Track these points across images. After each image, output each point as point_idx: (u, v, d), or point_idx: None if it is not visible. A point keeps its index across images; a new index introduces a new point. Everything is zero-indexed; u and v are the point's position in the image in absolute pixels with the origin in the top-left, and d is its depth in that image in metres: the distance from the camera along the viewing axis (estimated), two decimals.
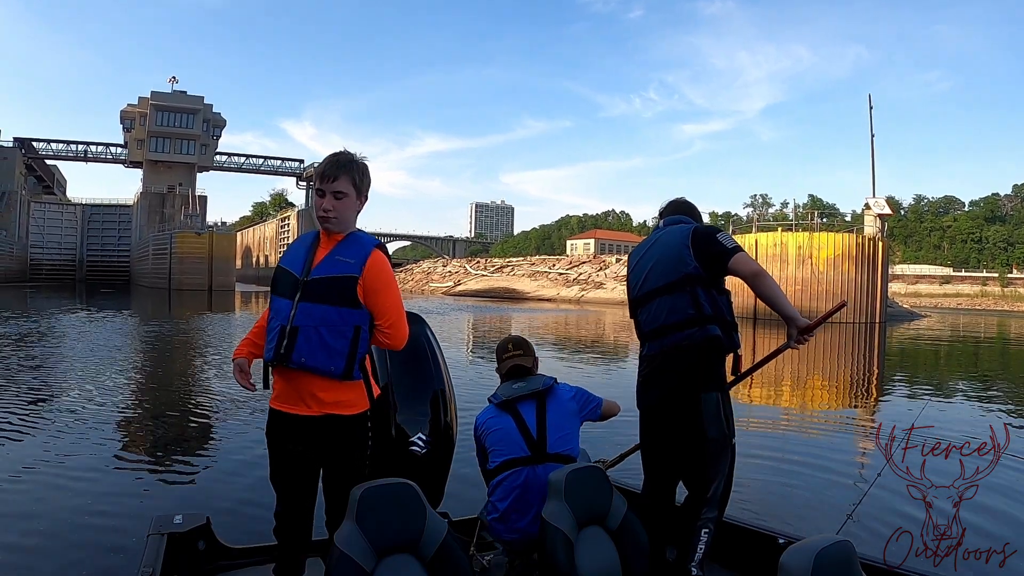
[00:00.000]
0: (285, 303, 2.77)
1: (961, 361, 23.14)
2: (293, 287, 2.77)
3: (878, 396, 14.36)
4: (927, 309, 65.71)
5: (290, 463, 2.86)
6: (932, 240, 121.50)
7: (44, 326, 23.63)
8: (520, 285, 74.76)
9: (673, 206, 3.65)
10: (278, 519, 2.96)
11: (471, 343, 23.82)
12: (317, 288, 2.75)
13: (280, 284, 2.82)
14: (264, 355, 2.84)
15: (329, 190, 2.75)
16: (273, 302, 2.83)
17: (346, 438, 2.83)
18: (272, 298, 2.84)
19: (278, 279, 2.83)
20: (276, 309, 2.80)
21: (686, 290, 3.21)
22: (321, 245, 2.84)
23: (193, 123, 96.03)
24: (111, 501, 5.72)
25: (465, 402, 4.97)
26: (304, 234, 2.92)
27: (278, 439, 2.85)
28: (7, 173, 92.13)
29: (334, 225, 2.79)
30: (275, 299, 2.82)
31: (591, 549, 2.87)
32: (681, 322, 3.20)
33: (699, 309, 3.18)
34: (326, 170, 2.75)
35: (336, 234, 2.82)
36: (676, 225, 3.46)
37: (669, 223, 3.51)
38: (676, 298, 3.22)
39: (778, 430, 9.93)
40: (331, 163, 2.76)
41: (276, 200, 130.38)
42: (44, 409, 9.47)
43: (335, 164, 2.76)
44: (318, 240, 2.86)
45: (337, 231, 2.82)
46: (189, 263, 71.38)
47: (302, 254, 2.84)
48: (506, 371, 3.51)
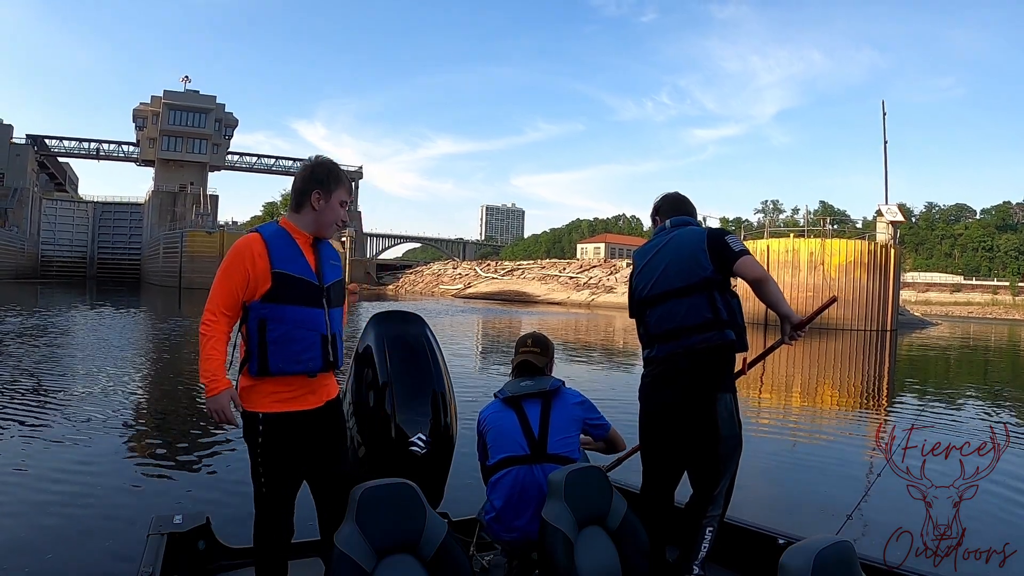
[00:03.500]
0: (315, 312, 2.79)
1: (970, 369, 23.00)
2: (316, 295, 2.80)
3: (881, 400, 14.34)
4: (938, 317, 65.43)
5: (297, 463, 2.87)
6: (943, 248, 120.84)
7: (51, 322, 23.79)
8: (530, 288, 74.73)
9: (674, 204, 3.61)
10: (274, 529, 2.88)
11: (479, 345, 23.84)
12: (333, 294, 2.86)
13: (297, 292, 2.76)
14: (297, 367, 2.76)
15: (348, 201, 2.91)
16: (293, 312, 2.75)
17: (340, 415, 3.03)
18: (289, 308, 2.75)
19: (291, 285, 2.75)
20: (304, 319, 2.76)
21: (703, 293, 3.21)
22: (302, 247, 2.83)
23: (205, 122, 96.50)
24: (111, 501, 5.74)
25: (467, 402, 4.98)
26: (272, 230, 2.83)
27: (289, 439, 2.81)
28: (20, 170, 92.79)
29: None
30: (297, 309, 2.76)
31: (591, 549, 2.87)
32: (698, 325, 3.20)
33: (716, 313, 3.19)
34: (349, 183, 2.88)
35: (310, 235, 2.88)
36: (687, 227, 3.45)
37: (677, 224, 3.50)
38: (692, 300, 3.22)
39: (779, 431, 9.93)
40: (346, 176, 2.88)
41: (287, 200, 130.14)
42: (45, 407, 9.50)
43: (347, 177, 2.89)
44: (293, 239, 2.83)
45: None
46: (200, 262, 71.61)
47: (302, 259, 2.81)
48: (517, 365, 3.51)
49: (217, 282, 2.72)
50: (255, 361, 2.73)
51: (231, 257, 2.73)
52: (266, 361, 2.72)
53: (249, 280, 2.70)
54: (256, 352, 2.72)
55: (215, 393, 2.66)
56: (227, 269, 2.72)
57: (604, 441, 3.54)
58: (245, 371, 2.76)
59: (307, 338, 2.76)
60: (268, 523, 2.87)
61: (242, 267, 2.70)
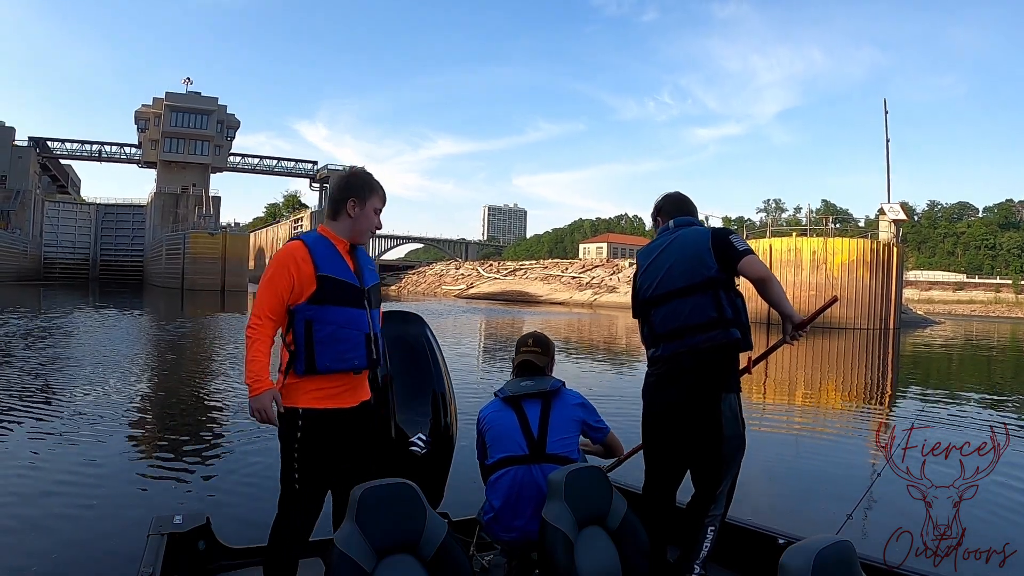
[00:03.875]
0: (358, 312, 2.92)
1: (973, 368, 22.97)
2: (359, 297, 2.94)
3: (882, 400, 14.30)
4: (940, 316, 65.41)
5: (332, 461, 2.92)
6: (946, 246, 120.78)
7: (55, 324, 23.81)
8: (533, 288, 74.85)
9: (676, 204, 3.61)
10: (298, 528, 2.93)
11: (481, 345, 23.85)
12: (372, 296, 3.02)
13: (341, 294, 2.89)
14: (343, 365, 2.88)
15: (382, 208, 3.07)
16: (338, 313, 2.87)
17: (372, 418, 3.11)
18: (334, 309, 2.87)
19: (335, 288, 2.87)
20: (349, 319, 2.89)
21: (708, 293, 3.22)
22: (342, 252, 2.96)
23: (207, 124, 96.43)
24: (112, 501, 5.74)
25: (468, 402, 4.97)
26: (313, 237, 2.96)
27: (326, 436, 2.88)
28: (22, 172, 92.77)
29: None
30: (341, 310, 2.88)
31: (591, 549, 2.87)
32: (703, 324, 3.20)
33: (721, 312, 3.20)
34: (382, 192, 3.05)
35: (347, 242, 3.00)
36: (690, 227, 3.45)
37: (680, 224, 3.50)
38: (697, 300, 3.23)
39: (780, 430, 9.91)
40: (380, 185, 3.05)
41: (289, 201, 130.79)
42: (47, 408, 9.52)
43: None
44: (333, 245, 2.95)
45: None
46: (202, 263, 71.84)
47: (344, 263, 2.94)
48: (518, 365, 3.51)
49: (262, 288, 2.85)
50: (302, 361, 2.82)
51: (276, 264, 2.85)
52: (313, 360, 2.82)
53: (294, 285, 2.82)
54: (303, 352, 2.82)
55: (259, 393, 2.73)
56: (272, 276, 2.84)
57: (602, 444, 3.54)
58: (291, 372, 2.86)
59: (352, 337, 2.90)
60: (293, 522, 2.92)
61: (287, 273, 2.81)
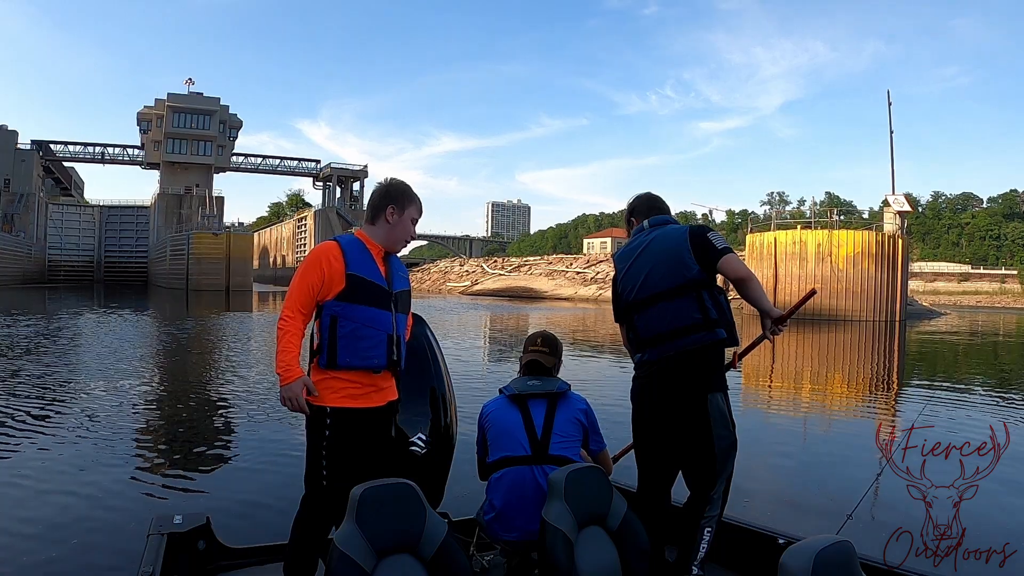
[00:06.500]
0: (383, 313, 3.03)
1: (978, 360, 22.88)
2: (385, 298, 3.04)
3: (887, 397, 14.19)
4: (945, 307, 65.16)
5: (360, 459, 2.99)
6: (950, 237, 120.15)
7: (60, 326, 23.91)
8: (537, 284, 74.78)
9: (648, 203, 3.58)
10: (323, 526, 3.02)
11: (486, 342, 23.86)
12: (400, 301, 3.12)
13: (368, 294, 3.00)
14: (363, 362, 2.98)
15: (418, 219, 3.20)
16: (363, 311, 2.98)
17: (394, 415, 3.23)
18: (360, 307, 2.97)
19: (363, 287, 2.98)
20: (372, 318, 2.99)
21: (691, 295, 3.20)
22: (375, 256, 3.08)
23: (209, 124, 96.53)
24: (111, 501, 5.76)
25: (468, 402, 4.97)
26: (348, 239, 3.08)
27: (354, 435, 2.98)
28: (25, 175, 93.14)
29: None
30: (366, 309, 2.98)
31: (591, 549, 2.87)
32: (688, 327, 3.18)
33: (706, 314, 3.18)
34: (419, 203, 3.18)
35: (382, 248, 3.13)
36: (666, 226, 3.43)
37: (655, 223, 3.47)
38: (681, 303, 3.20)
39: (780, 429, 9.87)
40: (417, 197, 3.17)
41: (293, 200, 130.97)
42: (48, 408, 9.57)
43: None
44: (367, 248, 3.07)
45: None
46: (207, 263, 72.00)
47: (374, 266, 3.06)
48: (525, 364, 3.50)
49: (295, 283, 2.98)
50: (324, 355, 2.95)
51: (309, 260, 2.99)
52: (335, 355, 2.94)
53: (324, 281, 2.95)
54: (327, 346, 2.95)
55: (289, 382, 2.84)
56: (305, 271, 2.98)
57: (595, 457, 3.52)
58: (315, 364, 2.98)
59: (374, 336, 2.99)
60: (318, 520, 3.01)
61: (319, 269, 2.95)
